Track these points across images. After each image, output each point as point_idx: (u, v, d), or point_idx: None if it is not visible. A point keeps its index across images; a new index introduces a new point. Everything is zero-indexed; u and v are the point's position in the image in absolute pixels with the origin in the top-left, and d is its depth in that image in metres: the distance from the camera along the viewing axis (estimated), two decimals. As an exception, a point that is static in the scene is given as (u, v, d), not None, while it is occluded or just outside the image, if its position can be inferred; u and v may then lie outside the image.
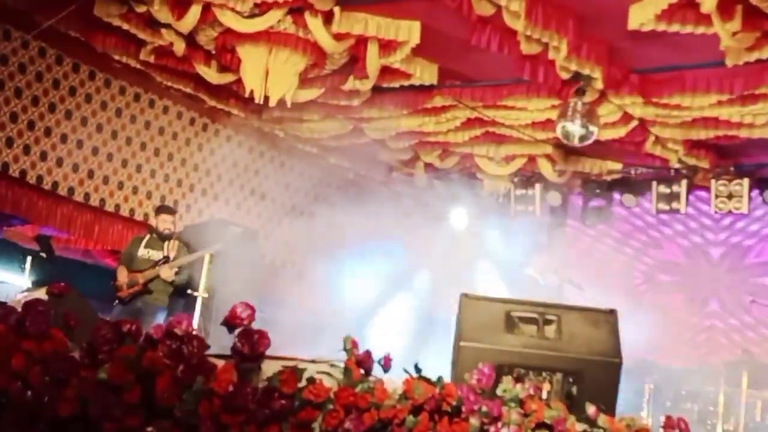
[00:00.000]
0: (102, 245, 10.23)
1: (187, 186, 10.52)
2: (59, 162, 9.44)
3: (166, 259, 8.65)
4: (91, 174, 9.73)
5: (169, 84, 9.82)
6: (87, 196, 9.72)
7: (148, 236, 8.91)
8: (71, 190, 9.57)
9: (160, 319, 8.13)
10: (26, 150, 9.18)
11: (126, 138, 10.10)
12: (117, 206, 9.98)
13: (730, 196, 10.64)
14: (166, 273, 8.53)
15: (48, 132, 9.32)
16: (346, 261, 10.36)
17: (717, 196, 10.72)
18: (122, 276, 8.64)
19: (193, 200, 10.28)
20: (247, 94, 8.69)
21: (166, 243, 8.74)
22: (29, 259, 9.56)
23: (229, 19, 7.93)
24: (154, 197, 10.27)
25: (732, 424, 9.06)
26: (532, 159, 11.13)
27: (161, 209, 9.13)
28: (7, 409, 4.27)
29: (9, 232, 10.21)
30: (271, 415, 3.97)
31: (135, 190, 10.12)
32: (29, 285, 8.75)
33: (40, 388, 4.19)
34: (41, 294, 5.45)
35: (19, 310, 4.28)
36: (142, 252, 8.78)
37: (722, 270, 11.56)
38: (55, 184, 9.43)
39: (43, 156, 9.32)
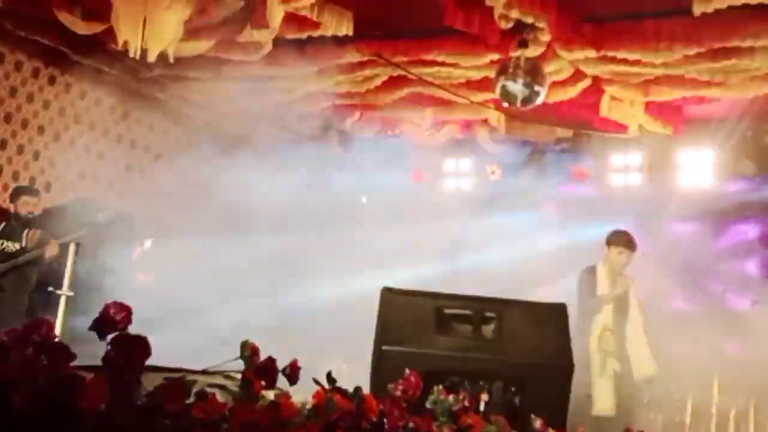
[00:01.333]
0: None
1: (46, 160, 9.92)
2: None
3: (23, 251, 8.32)
4: None
5: (23, 35, 9.03)
6: None
7: (3, 224, 8.54)
8: None
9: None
10: None
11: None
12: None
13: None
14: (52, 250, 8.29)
15: None
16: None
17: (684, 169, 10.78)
18: None
19: (55, 177, 9.82)
20: (119, 47, 7.72)
21: (26, 232, 8.38)
22: None
23: None
24: (5, 174, 9.63)
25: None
26: (467, 125, 10.97)
27: (20, 190, 8.79)
28: None
29: None
30: None
31: None
32: None
33: None
34: None
35: None
36: None
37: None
38: None
39: None
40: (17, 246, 8.36)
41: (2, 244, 8.40)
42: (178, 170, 9.77)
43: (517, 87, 8.29)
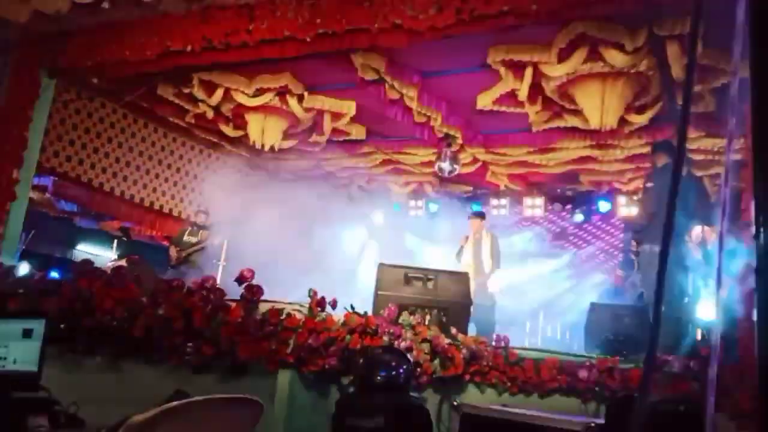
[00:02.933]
0: (160, 233, 10.01)
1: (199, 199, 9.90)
2: (134, 182, 9.35)
3: (200, 243, 8.60)
4: (154, 189, 9.55)
5: (203, 136, 9.68)
6: (151, 203, 9.55)
7: (189, 228, 8.89)
8: (141, 200, 9.42)
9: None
10: (114, 175, 9.06)
11: (176, 168, 9.83)
12: (170, 210, 9.72)
13: (533, 206, 10.77)
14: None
15: (128, 164, 9.22)
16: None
17: (526, 206, 10.80)
18: (173, 252, 8.67)
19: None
20: (251, 143, 8.61)
21: (200, 232, 8.70)
22: (115, 241, 9.41)
23: (240, 98, 7.89)
24: (186, 203, 9.91)
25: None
26: (420, 184, 10.95)
27: (204, 210, 8.96)
28: (101, 333, 4.70)
29: (103, 224, 10.30)
30: (263, 336, 4.34)
31: (181, 199, 9.80)
32: (115, 257, 8.60)
33: (121, 320, 4.62)
34: (123, 262, 6.22)
35: (109, 272, 4.99)
36: (186, 237, 8.74)
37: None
38: (132, 196, 9.29)
39: (124, 178, 9.21)
40: (195, 239, 8.69)
41: (189, 238, 8.69)
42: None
43: (445, 165, 8.84)
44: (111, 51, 6.79)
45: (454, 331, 5.17)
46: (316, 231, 9.47)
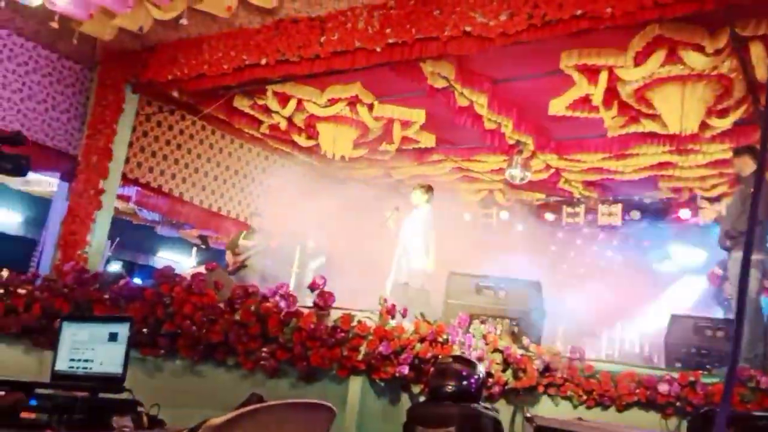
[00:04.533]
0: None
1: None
2: (212, 192, 9.52)
3: (255, 247, 8.55)
4: (230, 198, 9.67)
5: (276, 146, 9.81)
6: (228, 212, 9.69)
7: (244, 231, 8.88)
8: (219, 209, 9.59)
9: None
10: (193, 184, 9.26)
11: (251, 177, 10.00)
12: (245, 218, 9.68)
13: (609, 214, 10.45)
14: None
15: (206, 174, 9.44)
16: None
17: (602, 214, 10.49)
18: (229, 257, 8.67)
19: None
20: (323, 152, 8.72)
21: (255, 234, 8.70)
22: (194, 248, 9.82)
23: (312, 108, 8.00)
24: (261, 212, 9.37)
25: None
26: (490, 191, 10.87)
27: (255, 213, 9.09)
28: (181, 337, 4.83)
29: (183, 233, 10.52)
30: (335, 342, 4.39)
31: (256, 208, 9.62)
32: (194, 264, 8.96)
33: (200, 325, 4.73)
34: (201, 269, 6.23)
35: (189, 278, 5.04)
36: (242, 241, 8.70)
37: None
38: (210, 205, 9.46)
39: (203, 188, 9.43)
40: (251, 242, 8.62)
41: (244, 241, 8.60)
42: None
43: (516, 172, 8.76)
44: (190, 65, 7.08)
45: (526, 341, 5.19)
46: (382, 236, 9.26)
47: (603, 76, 6.36)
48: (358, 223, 8.55)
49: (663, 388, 4.61)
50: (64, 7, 6.63)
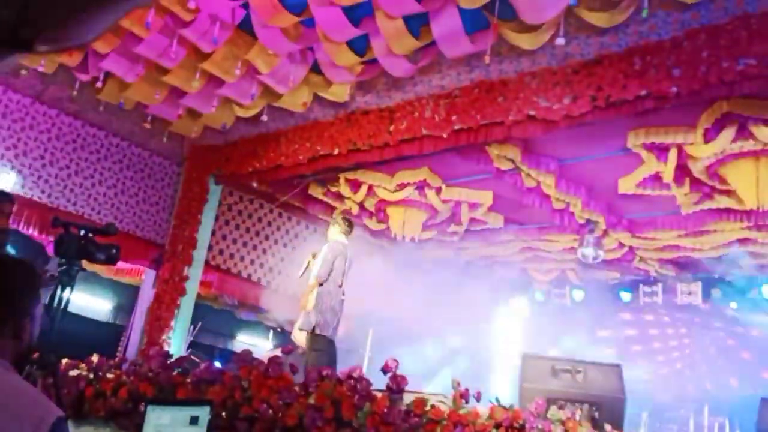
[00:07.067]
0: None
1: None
2: (287, 276, 9.20)
3: None
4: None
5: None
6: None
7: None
8: (294, 293, 8.56)
9: None
10: (270, 270, 9.22)
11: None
12: None
13: (689, 293, 10.06)
14: None
15: (282, 260, 9.38)
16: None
17: (681, 293, 10.13)
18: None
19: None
20: (393, 235, 8.76)
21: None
22: (271, 332, 9.88)
23: (382, 193, 8.14)
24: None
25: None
26: (563, 271, 10.68)
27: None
28: (258, 420, 4.78)
29: (261, 317, 10.57)
30: (409, 427, 4.25)
31: None
32: (271, 347, 9.00)
33: (276, 408, 4.70)
34: (278, 352, 6.18)
35: (265, 362, 5.03)
36: None
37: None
38: (285, 289, 9.22)
39: (279, 273, 9.36)
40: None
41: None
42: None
43: (588, 251, 8.60)
44: (268, 157, 7.47)
45: (608, 428, 4.92)
46: (458, 317, 9.43)
47: (672, 154, 6.25)
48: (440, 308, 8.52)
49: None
50: (156, 108, 7.16)
